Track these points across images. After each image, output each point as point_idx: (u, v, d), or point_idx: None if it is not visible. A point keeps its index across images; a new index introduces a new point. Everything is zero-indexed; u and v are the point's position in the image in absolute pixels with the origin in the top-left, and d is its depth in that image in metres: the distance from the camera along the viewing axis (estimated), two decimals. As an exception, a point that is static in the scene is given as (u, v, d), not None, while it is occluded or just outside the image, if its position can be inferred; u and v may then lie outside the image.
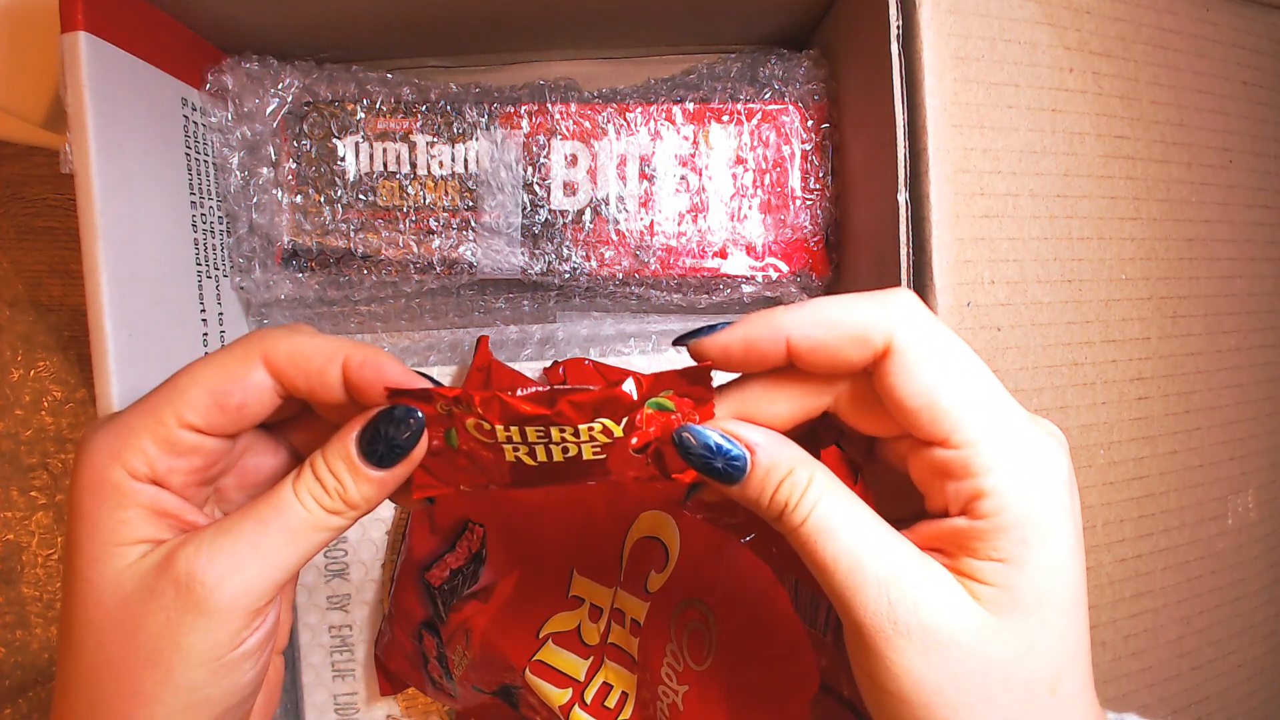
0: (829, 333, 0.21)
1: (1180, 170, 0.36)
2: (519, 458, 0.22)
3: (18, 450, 0.45)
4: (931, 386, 0.21)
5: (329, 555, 0.41)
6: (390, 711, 0.42)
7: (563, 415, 0.21)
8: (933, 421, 0.21)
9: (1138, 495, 0.35)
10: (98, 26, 0.30)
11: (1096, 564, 0.34)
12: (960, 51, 0.31)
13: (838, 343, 0.21)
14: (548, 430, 0.21)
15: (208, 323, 0.36)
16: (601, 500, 0.37)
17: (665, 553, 0.35)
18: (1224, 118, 0.37)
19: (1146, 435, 0.35)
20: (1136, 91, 0.34)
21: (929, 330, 0.21)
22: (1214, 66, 0.37)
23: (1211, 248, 0.37)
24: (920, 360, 0.21)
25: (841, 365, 0.22)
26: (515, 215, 0.38)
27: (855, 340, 0.21)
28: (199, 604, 0.21)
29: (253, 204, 0.38)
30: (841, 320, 0.21)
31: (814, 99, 0.39)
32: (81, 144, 0.29)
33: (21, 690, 0.45)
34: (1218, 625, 0.38)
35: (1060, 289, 0.33)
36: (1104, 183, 0.34)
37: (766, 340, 0.22)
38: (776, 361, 0.22)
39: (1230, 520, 0.38)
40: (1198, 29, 0.36)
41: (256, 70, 0.38)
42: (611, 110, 0.39)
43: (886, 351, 0.21)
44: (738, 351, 0.22)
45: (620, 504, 0.37)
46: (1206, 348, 0.37)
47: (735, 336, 0.22)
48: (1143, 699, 0.35)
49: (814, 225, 0.39)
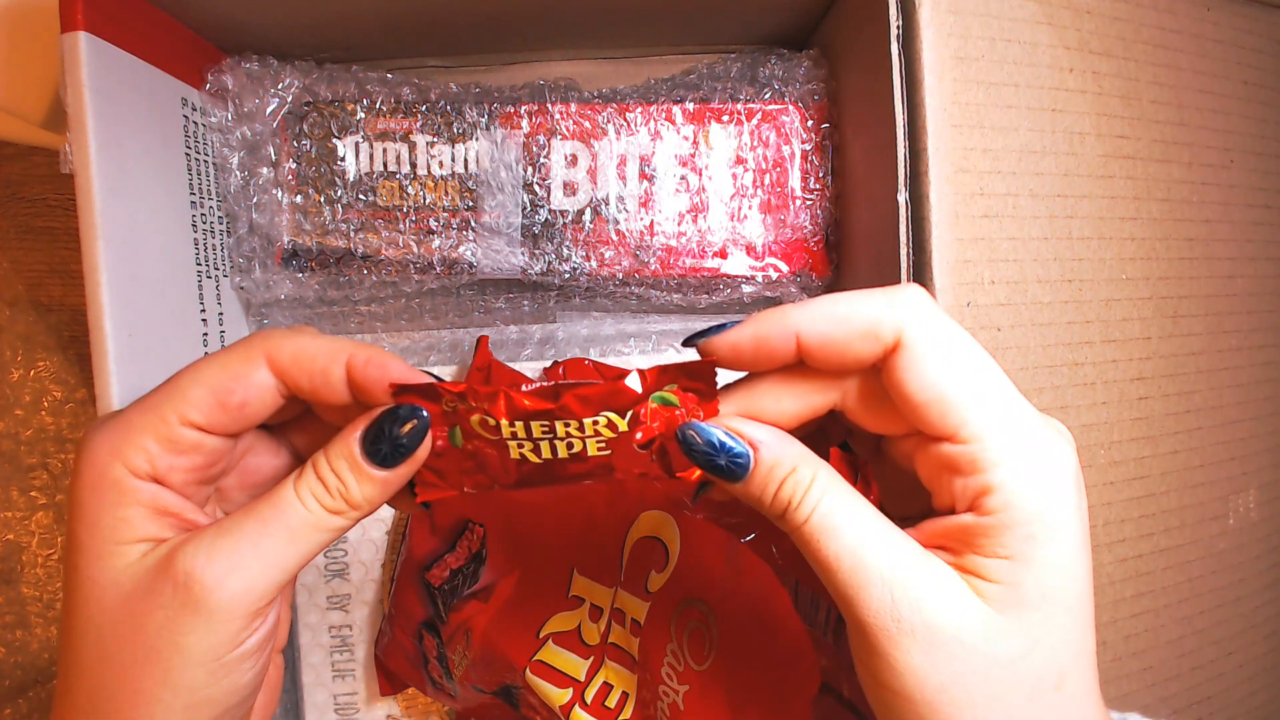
0: (839, 328, 0.21)
1: (1181, 170, 0.36)
2: (524, 454, 0.22)
3: (18, 450, 0.45)
4: (940, 380, 0.20)
5: (329, 555, 0.41)
6: (390, 712, 0.42)
7: (567, 409, 0.21)
8: (941, 416, 0.20)
9: (1139, 495, 0.35)
10: (98, 26, 0.30)
11: (1098, 564, 0.34)
12: (960, 51, 0.31)
13: (847, 338, 0.21)
14: (553, 425, 0.21)
15: (208, 323, 0.36)
16: (602, 500, 0.37)
17: (666, 553, 0.35)
18: (1225, 117, 0.37)
19: (1147, 435, 0.35)
20: (1137, 91, 0.34)
21: (938, 325, 0.21)
22: (1215, 66, 0.37)
23: (1212, 247, 0.37)
24: (929, 354, 0.21)
25: (851, 361, 0.22)
26: (515, 215, 0.38)
27: (865, 335, 0.21)
28: (198, 604, 0.21)
29: (253, 204, 0.38)
30: (851, 315, 0.21)
31: (814, 99, 0.39)
32: (81, 144, 0.29)
33: (21, 690, 0.45)
34: (1219, 625, 0.38)
35: (1060, 289, 0.33)
36: (1104, 182, 0.34)
37: (776, 337, 0.22)
38: (786, 359, 0.22)
39: (1231, 520, 0.38)
40: (1199, 29, 0.36)
41: (256, 70, 0.38)
42: (611, 110, 0.39)
43: (896, 346, 0.21)
44: (748, 349, 0.22)
45: (621, 503, 0.37)
46: (1207, 347, 0.37)
47: (745, 334, 0.22)
48: (1144, 699, 0.35)
49: (814, 225, 0.39)
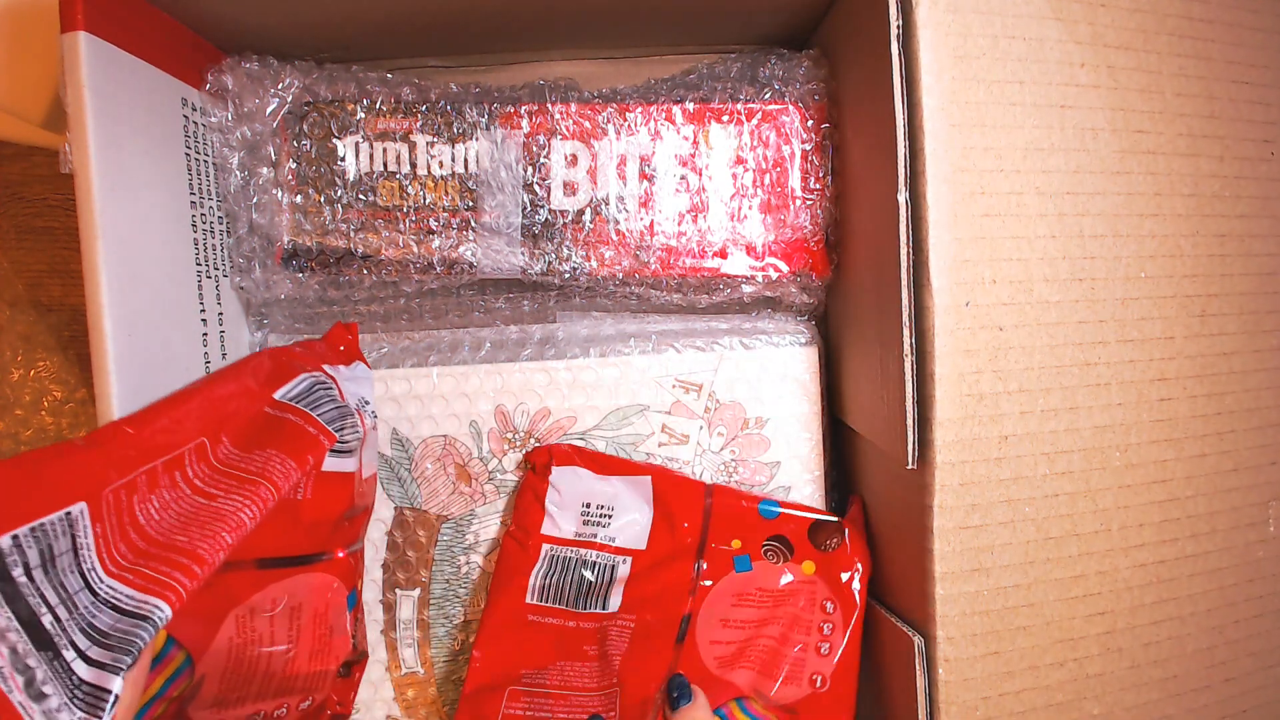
0: None
1: (1210, 164, 0.34)
2: None
3: (18, 450, 0.45)
4: None
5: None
6: (390, 713, 0.42)
7: None
8: None
9: (1160, 499, 0.34)
10: (98, 26, 0.30)
11: (1111, 568, 0.33)
12: (960, 50, 0.31)
13: None
14: None
15: (207, 323, 0.36)
16: None
17: None
18: (1264, 108, 0.36)
19: (1170, 437, 0.34)
20: (1159, 84, 0.33)
21: None
22: (1252, 55, 0.35)
23: (1248, 244, 0.35)
24: None
25: None
26: (515, 215, 0.38)
27: None
28: None
29: (253, 204, 0.38)
30: None
31: (814, 99, 0.39)
32: (81, 144, 0.29)
33: (22, 691, 0.45)
34: (1256, 636, 0.36)
35: (1070, 288, 0.32)
36: (1121, 179, 0.33)
37: None
38: None
39: (1272, 528, 0.36)
40: (1234, 16, 0.35)
41: (256, 70, 0.38)
42: (611, 110, 0.39)
43: None
44: None
45: None
46: (1242, 347, 0.35)
47: None
48: (1166, 709, 0.34)
49: (814, 225, 0.39)
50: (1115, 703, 0.34)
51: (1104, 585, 0.33)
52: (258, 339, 0.41)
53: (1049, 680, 0.33)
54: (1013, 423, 0.32)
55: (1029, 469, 0.32)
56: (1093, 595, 0.33)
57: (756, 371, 0.41)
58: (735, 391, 0.41)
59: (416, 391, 0.40)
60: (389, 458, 0.40)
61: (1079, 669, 0.33)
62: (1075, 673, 0.33)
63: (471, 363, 0.40)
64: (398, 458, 0.40)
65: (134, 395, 0.30)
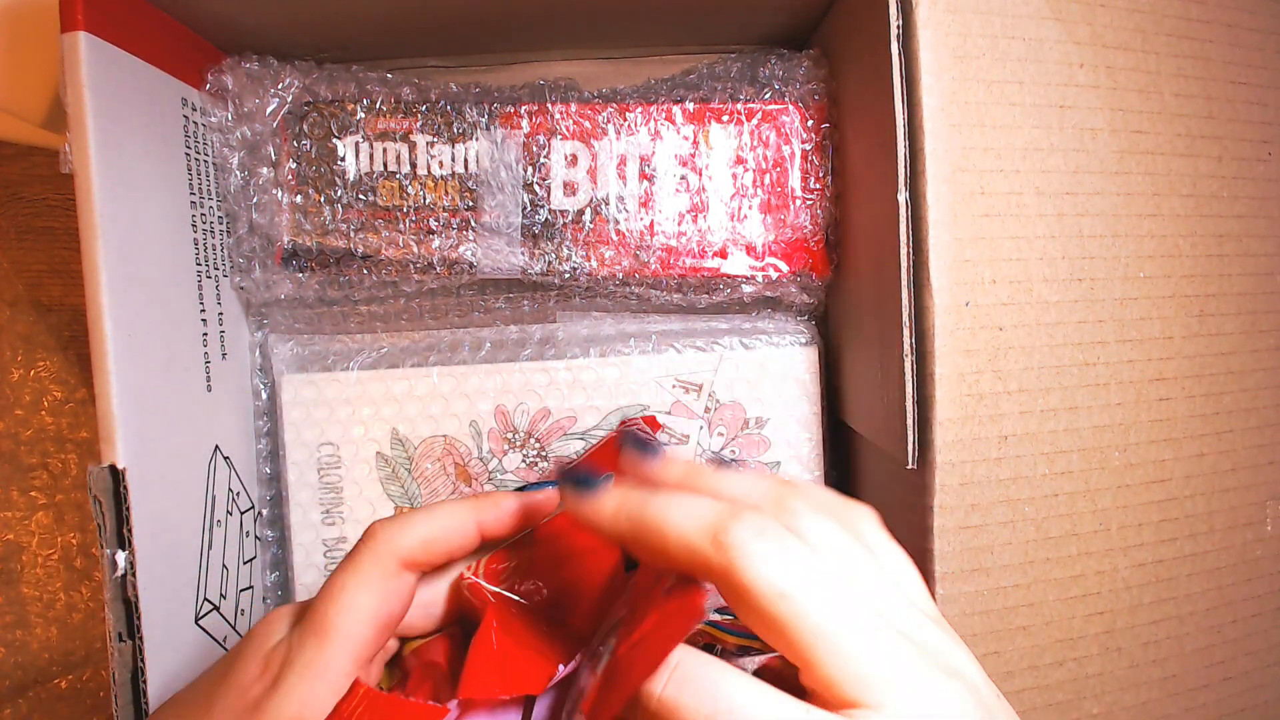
0: (652, 556, 0.21)
1: (1209, 164, 0.34)
2: None
3: (18, 450, 0.45)
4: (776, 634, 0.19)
5: (329, 557, 0.41)
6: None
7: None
8: (785, 650, 0.19)
9: (1159, 499, 0.34)
10: (98, 26, 0.29)
11: (1111, 568, 0.33)
12: (959, 50, 0.31)
13: (667, 560, 0.20)
14: None
15: (207, 323, 0.36)
16: None
17: None
18: (1261, 109, 0.36)
19: (1169, 437, 0.34)
20: (1157, 85, 0.33)
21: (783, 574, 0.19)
22: (1250, 56, 0.35)
23: (1246, 244, 0.35)
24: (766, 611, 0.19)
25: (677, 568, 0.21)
26: (515, 215, 0.38)
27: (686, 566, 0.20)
28: None
29: (253, 204, 0.38)
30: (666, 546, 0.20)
31: (814, 99, 0.39)
32: (81, 144, 0.29)
33: (21, 690, 0.45)
34: (1254, 635, 0.36)
35: (1069, 288, 0.32)
36: (1119, 179, 0.33)
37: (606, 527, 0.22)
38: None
39: (1270, 527, 0.36)
40: (1231, 17, 0.35)
41: (256, 70, 0.38)
42: (611, 110, 0.39)
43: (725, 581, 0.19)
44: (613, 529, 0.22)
45: None
46: (1240, 347, 0.35)
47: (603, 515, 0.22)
48: (1165, 709, 0.34)
49: (814, 225, 0.39)
50: (1115, 702, 0.34)
51: (1103, 585, 0.33)
52: (258, 339, 0.41)
53: (1049, 680, 0.33)
54: (1012, 423, 0.32)
55: (1029, 469, 0.32)
56: (1092, 595, 0.33)
57: (756, 371, 0.41)
58: (735, 391, 0.41)
59: (416, 391, 0.40)
60: (389, 458, 0.40)
61: (1078, 669, 0.33)
62: (1075, 672, 0.33)
63: (471, 363, 0.40)
64: (398, 458, 0.40)
65: (134, 395, 0.30)
